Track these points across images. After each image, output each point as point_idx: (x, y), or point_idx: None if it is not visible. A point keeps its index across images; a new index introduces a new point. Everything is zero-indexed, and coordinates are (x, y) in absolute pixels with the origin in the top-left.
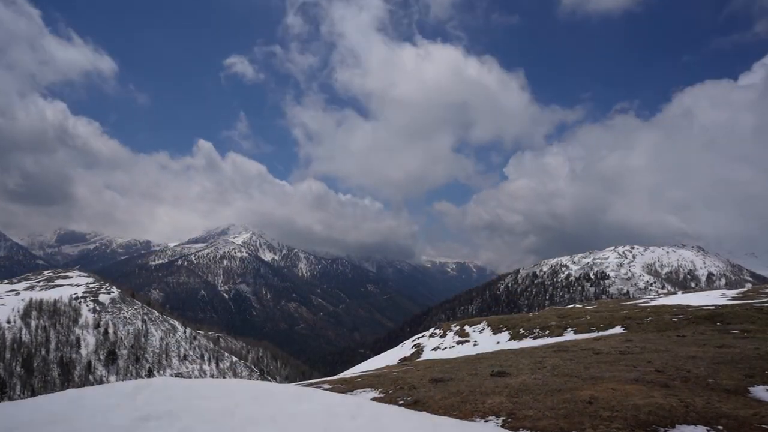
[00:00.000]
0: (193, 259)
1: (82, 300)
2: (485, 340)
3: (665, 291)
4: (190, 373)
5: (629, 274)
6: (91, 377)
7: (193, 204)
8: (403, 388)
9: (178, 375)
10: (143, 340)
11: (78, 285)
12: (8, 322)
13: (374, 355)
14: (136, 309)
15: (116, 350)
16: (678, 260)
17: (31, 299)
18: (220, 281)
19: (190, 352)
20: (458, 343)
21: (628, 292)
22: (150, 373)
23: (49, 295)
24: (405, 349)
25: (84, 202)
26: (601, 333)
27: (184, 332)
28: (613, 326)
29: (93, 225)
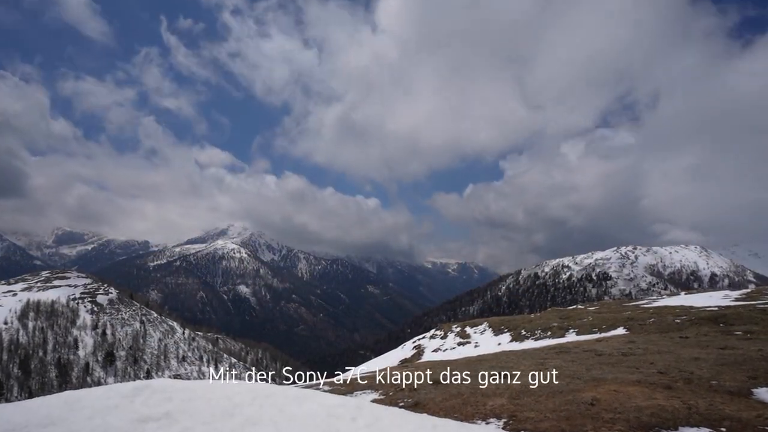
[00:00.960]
0: (192, 259)
1: (80, 301)
2: (486, 341)
3: (668, 292)
4: (189, 374)
5: (632, 275)
6: (89, 379)
7: (172, 198)
8: (404, 390)
9: (177, 376)
10: (141, 341)
11: (76, 286)
12: (5, 323)
13: (375, 357)
14: (134, 310)
15: (114, 351)
16: (681, 261)
17: (28, 300)
18: (219, 282)
19: (189, 354)
20: (459, 344)
21: (630, 293)
22: (148, 375)
23: (47, 296)
24: (406, 350)
25: (52, 196)
26: (603, 334)
27: (183, 333)
28: (615, 327)
29: (76, 222)
